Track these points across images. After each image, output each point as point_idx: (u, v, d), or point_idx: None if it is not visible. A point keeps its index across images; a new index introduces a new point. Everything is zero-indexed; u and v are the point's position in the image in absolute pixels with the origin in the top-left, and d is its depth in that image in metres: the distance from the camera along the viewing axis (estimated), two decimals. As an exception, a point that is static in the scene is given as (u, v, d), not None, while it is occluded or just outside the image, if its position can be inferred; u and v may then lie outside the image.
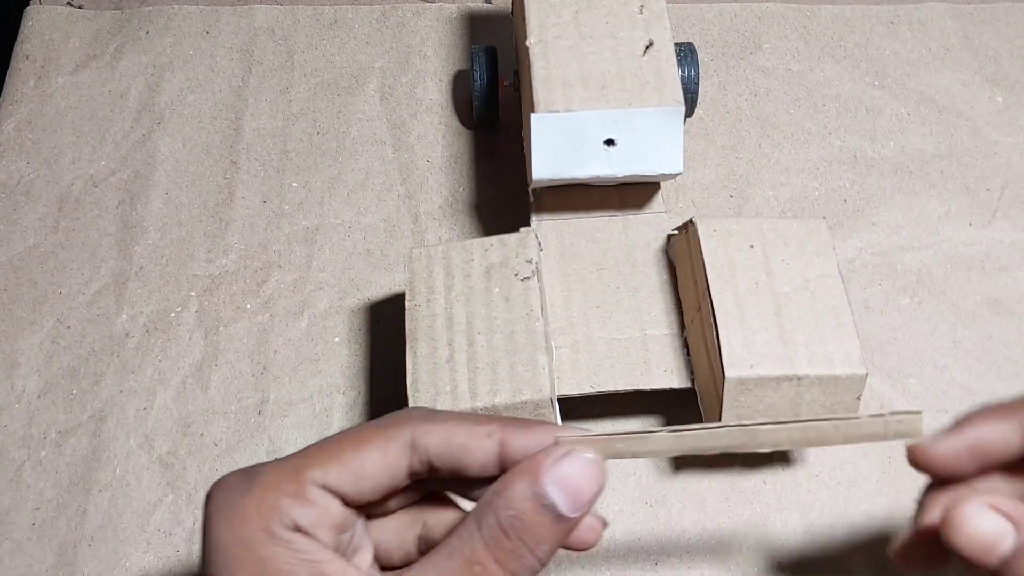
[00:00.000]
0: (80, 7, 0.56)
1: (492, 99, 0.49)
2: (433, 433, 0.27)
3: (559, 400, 0.38)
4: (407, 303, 0.39)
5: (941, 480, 0.30)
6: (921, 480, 0.31)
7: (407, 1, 0.56)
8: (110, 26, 0.55)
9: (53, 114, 0.52)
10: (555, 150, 0.40)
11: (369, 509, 0.29)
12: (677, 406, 0.42)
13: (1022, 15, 0.57)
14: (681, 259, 0.41)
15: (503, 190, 0.49)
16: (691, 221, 0.40)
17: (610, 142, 0.40)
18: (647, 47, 0.42)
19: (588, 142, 0.40)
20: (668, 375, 0.39)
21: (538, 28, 0.42)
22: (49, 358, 0.44)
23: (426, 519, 0.29)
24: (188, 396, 0.43)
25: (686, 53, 0.48)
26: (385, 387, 0.44)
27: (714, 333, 0.37)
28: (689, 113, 0.50)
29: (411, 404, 0.37)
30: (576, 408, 0.41)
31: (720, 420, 0.37)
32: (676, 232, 0.42)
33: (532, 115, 0.40)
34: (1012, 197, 0.50)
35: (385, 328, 0.45)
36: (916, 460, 0.29)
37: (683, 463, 0.42)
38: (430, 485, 0.29)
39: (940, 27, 0.56)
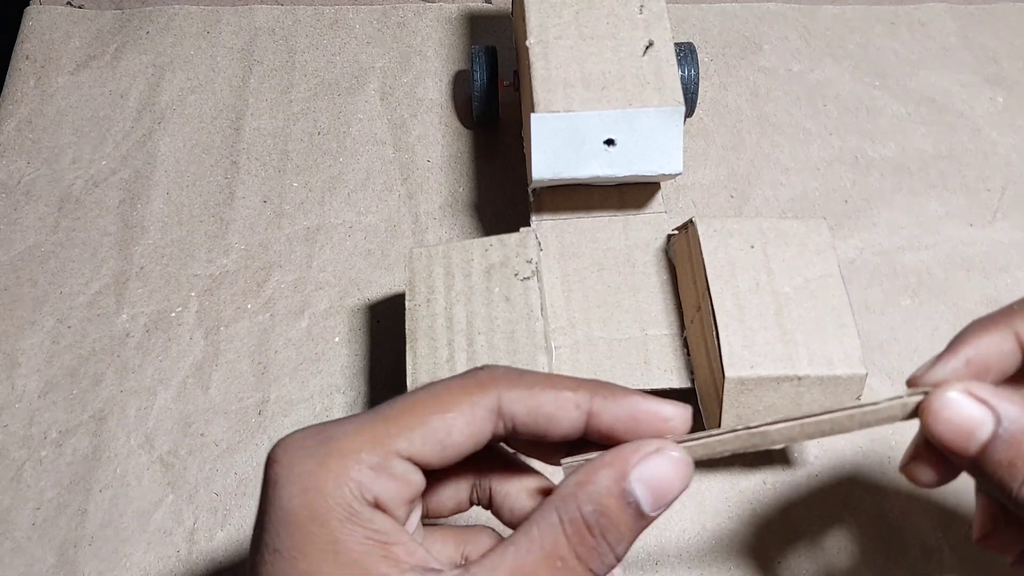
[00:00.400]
0: (80, 7, 0.56)
1: (492, 99, 0.49)
2: (520, 401, 0.26)
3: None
4: (407, 303, 0.39)
5: None
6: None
7: (407, 1, 0.56)
8: (110, 26, 0.55)
9: (53, 114, 0.52)
10: (555, 150, 0.40)
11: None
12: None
13: (1022, 15, 0.57)
14: (681, 259, 0.41)
15: (503, 190, 0.49)
16: (691, 221, 0.40)
17: (610, 142, 0.40)
18: (647, 47, 0.42)
19: (588, 142, 0.40)
20: (668, 375, 0.39)
21: (538, 28, 0.42)
22: (50, 358, 0.44)
23: (479, 467, 0.28)
24: (188, 396, 0.43)
25: (686, 53, 0.48)
26: (385, 387, 0.44)
27: (714, 333, 0.37)
28: (689, 113, 0.50)
29: None
30: (576, 408, 0.41)
31: (720, 420, 0.37)
32: (676, 232, 0.42)
33: (532, 115, 0.40)
34: (1012, 197, 0.50)
35: (385, 328, 0.45)
36: (914, 387, 0.28)
37: (683, 463, 0.42)
38: (496, 439, 0.28)
39: (940, 27, 0.56)
